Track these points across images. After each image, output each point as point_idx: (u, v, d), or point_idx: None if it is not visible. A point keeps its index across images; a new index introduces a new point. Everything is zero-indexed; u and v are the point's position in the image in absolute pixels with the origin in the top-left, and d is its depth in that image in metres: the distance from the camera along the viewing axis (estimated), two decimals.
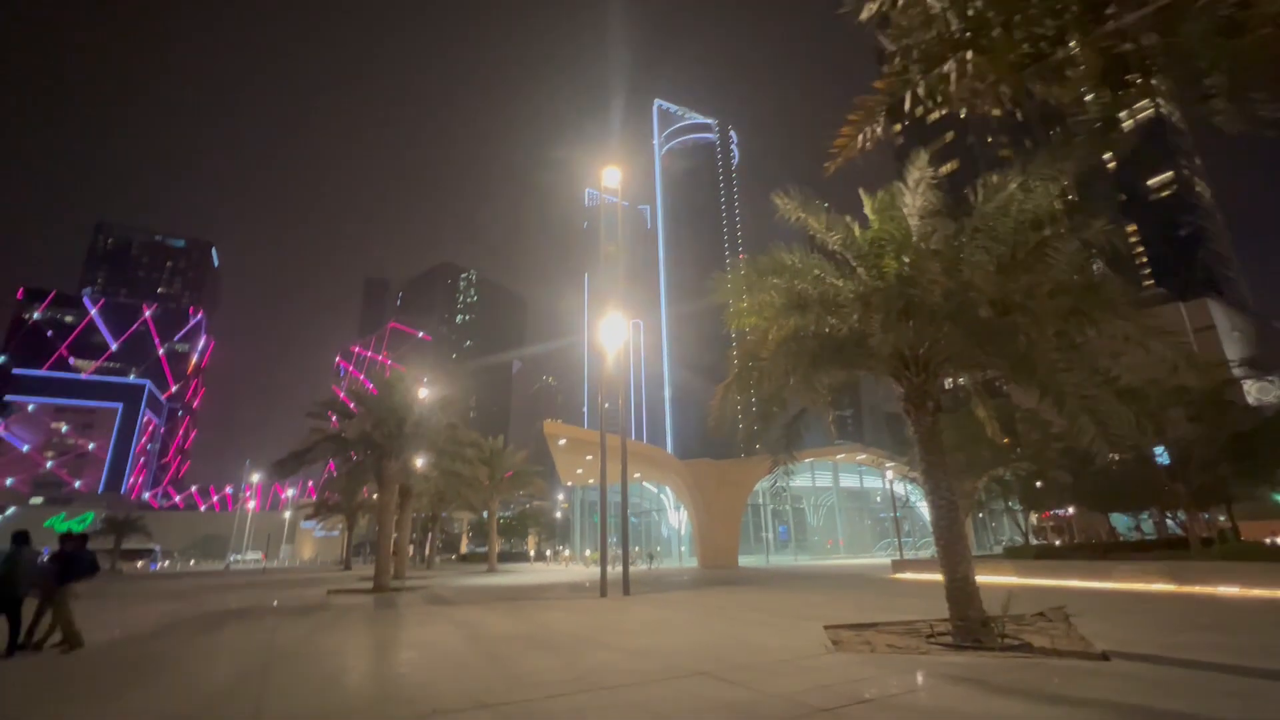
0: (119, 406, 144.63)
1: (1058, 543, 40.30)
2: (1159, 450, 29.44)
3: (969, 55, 5.07)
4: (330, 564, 70.75)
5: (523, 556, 56.77)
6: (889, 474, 33.18)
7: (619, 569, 18.92)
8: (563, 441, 32.80)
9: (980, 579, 9.32)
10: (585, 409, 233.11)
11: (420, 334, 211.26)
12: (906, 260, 9.11)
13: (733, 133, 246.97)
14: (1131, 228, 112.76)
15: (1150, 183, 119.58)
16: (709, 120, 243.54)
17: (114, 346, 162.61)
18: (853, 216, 10.48)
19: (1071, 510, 44.20)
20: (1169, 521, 32.47)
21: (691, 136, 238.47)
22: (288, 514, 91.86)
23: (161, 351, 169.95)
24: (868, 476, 46.52)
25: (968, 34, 5.03)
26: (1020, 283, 7.28)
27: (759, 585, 21.16)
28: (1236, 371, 25.23)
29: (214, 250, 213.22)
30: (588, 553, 45.25)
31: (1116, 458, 29.21)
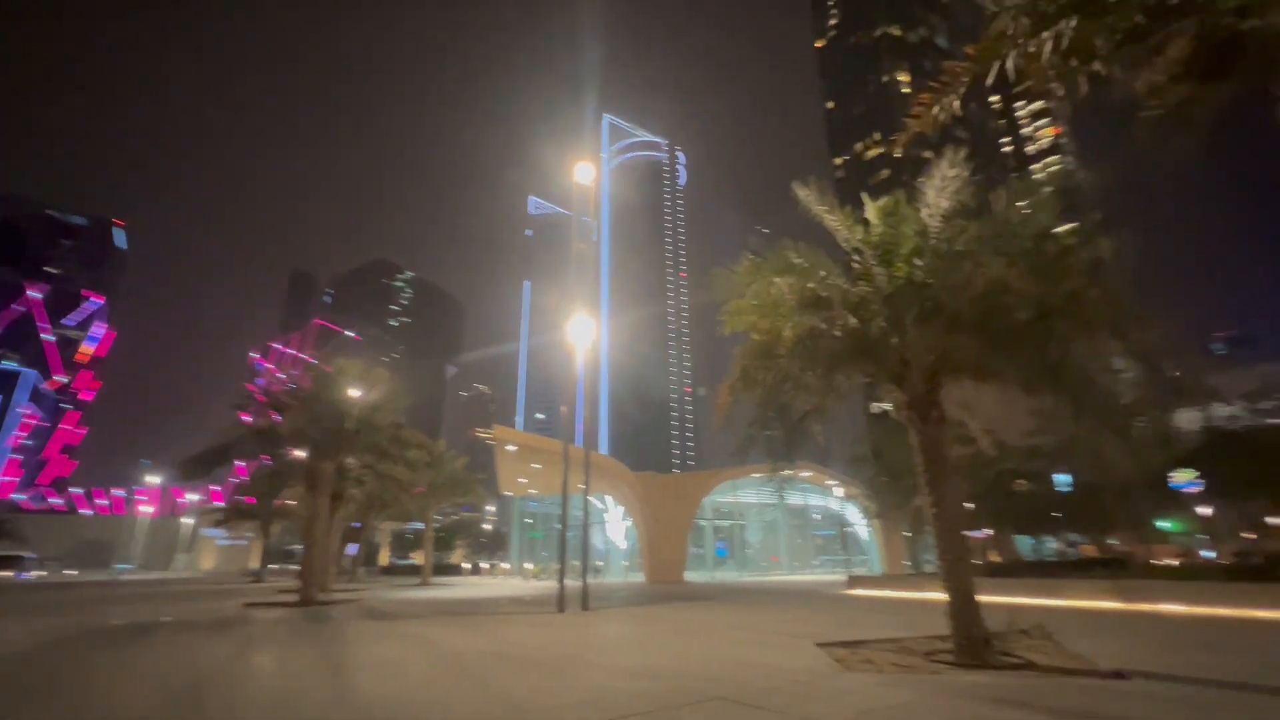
0: None
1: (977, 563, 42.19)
2: (1061, 478, 31.37)
3: (1073, 23, 4.74)
4: (235, 575, 65.03)
5: (454, 569, 54.02)
6: (839, 492, 33.67)
7: (566, 582, 17.72)
8: (512, 448, 31.29)
9: (929, 595, 9.12)
10: (519, 418, 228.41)
11: (349, 334, 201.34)
12: (919, 263, 8.88)
13: (680, 154, 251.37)
14: None
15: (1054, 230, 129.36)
16: (659, 139, 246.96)
17: None
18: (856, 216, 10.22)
19: (989, 532, 46.59)
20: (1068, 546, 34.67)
21: (640, 154, 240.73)
22: (189, 520, 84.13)
23: (49, 337, 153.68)
24: (809, 494, 47.24)
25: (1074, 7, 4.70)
26: (1063, 287, 7.12)
27: (717, 601, 20.58)
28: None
29: (119, 231, 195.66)
30: (528, 566, 43.41)
31: (1025, 484, 30.90)
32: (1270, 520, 29.85)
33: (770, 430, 10.66)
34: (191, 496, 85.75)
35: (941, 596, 9.01)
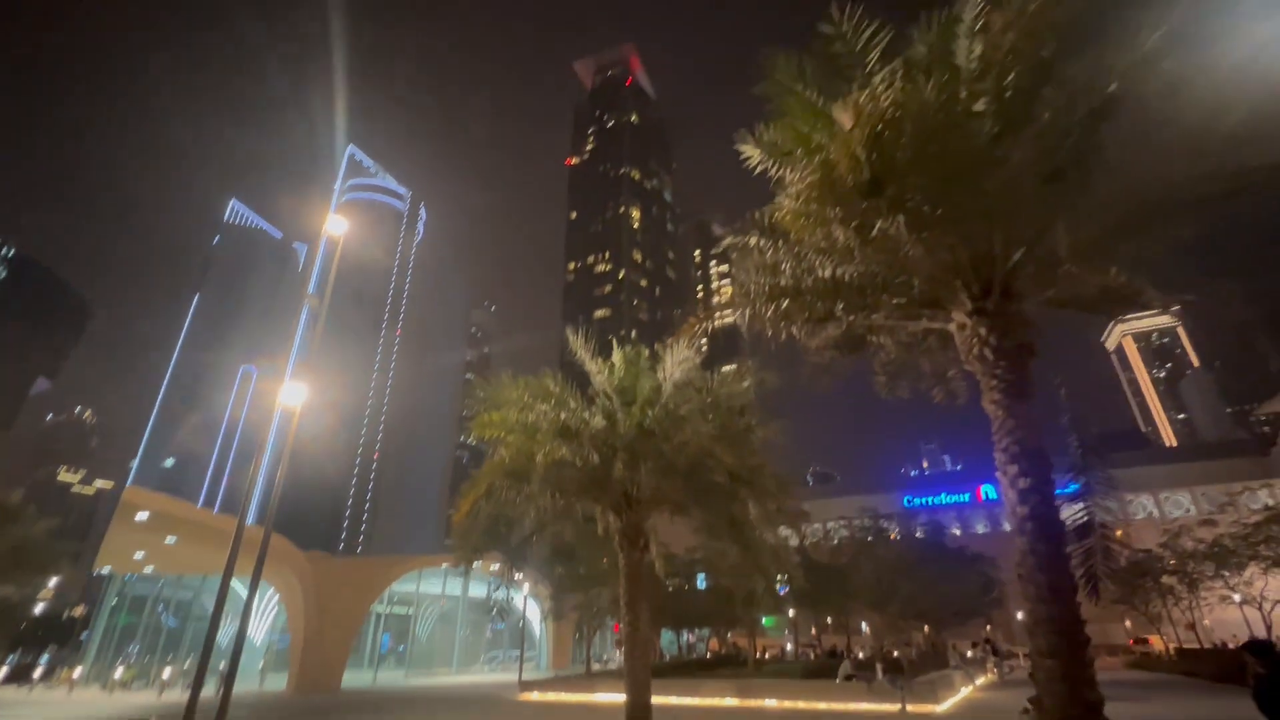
0: None
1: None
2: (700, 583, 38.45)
3: (785, 302, 7.13)
4: None
5: None
6: (525, 587, 34.11)
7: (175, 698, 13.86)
8: (144, 516, 24.03)
9: (599, 698, 10.69)
10: (135, 464, 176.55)
11: None
12: (650, 414, 10.88)
13: (423, 210, 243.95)
14: None
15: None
16: (402, 190, 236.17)
17: None
18: (603, 360, 12.03)
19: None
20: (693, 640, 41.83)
21: (379, 197, 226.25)
22: None
23: None
24: (495, 588, 46.44)
25: (785, 295, 7.09)
26: (749, 462, 9.62)
27: None
28: None
29: None
30: (119, 673, 31.67)
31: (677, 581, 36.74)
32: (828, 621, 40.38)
33: (498, 539, 11.19)
34: None
35: (610, 699, 10.34)
